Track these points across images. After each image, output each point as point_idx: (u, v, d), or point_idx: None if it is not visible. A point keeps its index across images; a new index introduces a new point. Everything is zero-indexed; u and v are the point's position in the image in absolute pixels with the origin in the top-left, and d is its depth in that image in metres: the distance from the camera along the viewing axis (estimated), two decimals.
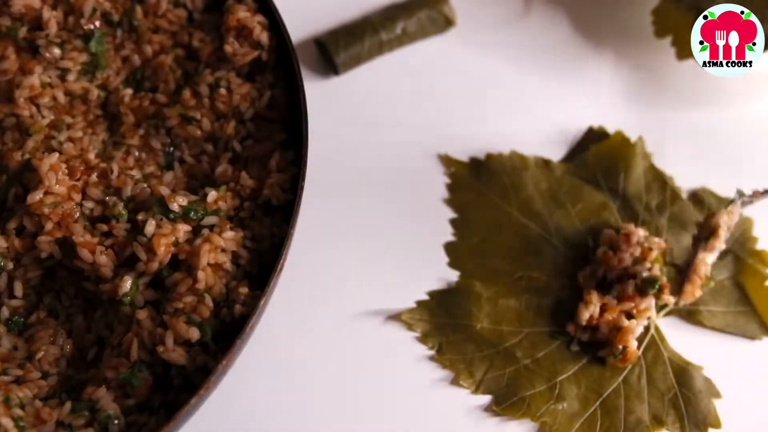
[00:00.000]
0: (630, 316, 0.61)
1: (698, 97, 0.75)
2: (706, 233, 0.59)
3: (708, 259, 0.59)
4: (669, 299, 0.63)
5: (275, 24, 0.63)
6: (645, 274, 0.62)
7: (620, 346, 0.60)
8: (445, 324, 0.63)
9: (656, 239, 0.65)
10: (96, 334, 0.55)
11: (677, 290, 0.60)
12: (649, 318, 0.62)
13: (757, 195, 0.61)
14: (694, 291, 0.59)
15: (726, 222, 0.59)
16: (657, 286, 0.62)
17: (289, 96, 0.62)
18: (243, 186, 0.58)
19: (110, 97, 0.63)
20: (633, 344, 0.60)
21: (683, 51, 0.71)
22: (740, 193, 0.61)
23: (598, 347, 0.62)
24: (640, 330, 0.61)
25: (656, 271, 0.63)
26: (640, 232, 0.65)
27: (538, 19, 0.79)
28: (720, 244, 0.59)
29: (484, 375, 0.61)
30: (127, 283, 0.52)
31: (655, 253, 0.64)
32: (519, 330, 0.63)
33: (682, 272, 0.60)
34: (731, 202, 0.61)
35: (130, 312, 0.53)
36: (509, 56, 0.76)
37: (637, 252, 0.64)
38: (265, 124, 0.62)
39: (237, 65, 0.62)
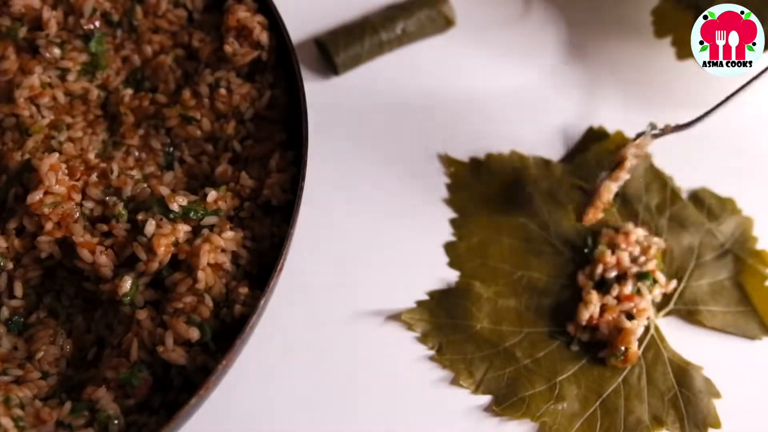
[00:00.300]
0: (630, 316, 0.61)
1: (698, 97, 0.74)
2: (613, 164, 0.62)
3: (612, 186, 0.62)
4: (663, 288, 0.63)
5: (275, 24, 0.63)
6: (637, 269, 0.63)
7: (622, 348, 0.60)
8: (445, 324, 0.63)
9: (656, 239, 0.65)
10: (96, 334, 0.55)
11: (581, 213, 0.63)
12: (648, 318, 0.62)
13: (668, 129, 0.63)
14: (596, 214, 0.63)
15: (633, 153, 0.62)
16: (651, 280, 0.62)
17: (289, 96, 0.62)
18: (243, 186, 0.58)
19: (110, 97, 0.63)
20: (635, 345, 0.60)
21: (683, 51, 0.71)
22: (652, 126, 0.64)
23: (599, 347, 0.62)
24: (640, 331, 0.61)
25: (651, 266, 0.63)
26: (640, 232, 0.65)
27: (538, 19, 0.79)
28: (624, 174, 0.62)
29: (484, 375, 0.61)
30: (127, 283, 0.52)
31: (654, 252, 0.64)
32: (519, 330, 0.63)
33: (586, 196, 0.63)
34: (641, 134, 0.63)
35: (130, 312, 0.53)
36: (509, 56, 0.76)
37: (637, 251, 0.64)
38: (265, 124, 0.62)
39: (237, 65, 0.62)
